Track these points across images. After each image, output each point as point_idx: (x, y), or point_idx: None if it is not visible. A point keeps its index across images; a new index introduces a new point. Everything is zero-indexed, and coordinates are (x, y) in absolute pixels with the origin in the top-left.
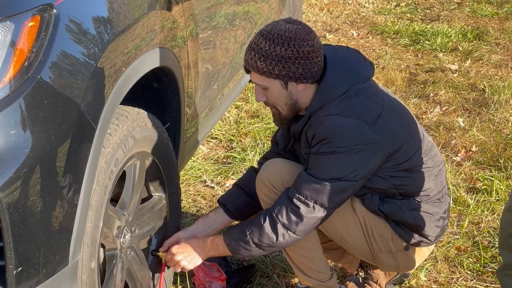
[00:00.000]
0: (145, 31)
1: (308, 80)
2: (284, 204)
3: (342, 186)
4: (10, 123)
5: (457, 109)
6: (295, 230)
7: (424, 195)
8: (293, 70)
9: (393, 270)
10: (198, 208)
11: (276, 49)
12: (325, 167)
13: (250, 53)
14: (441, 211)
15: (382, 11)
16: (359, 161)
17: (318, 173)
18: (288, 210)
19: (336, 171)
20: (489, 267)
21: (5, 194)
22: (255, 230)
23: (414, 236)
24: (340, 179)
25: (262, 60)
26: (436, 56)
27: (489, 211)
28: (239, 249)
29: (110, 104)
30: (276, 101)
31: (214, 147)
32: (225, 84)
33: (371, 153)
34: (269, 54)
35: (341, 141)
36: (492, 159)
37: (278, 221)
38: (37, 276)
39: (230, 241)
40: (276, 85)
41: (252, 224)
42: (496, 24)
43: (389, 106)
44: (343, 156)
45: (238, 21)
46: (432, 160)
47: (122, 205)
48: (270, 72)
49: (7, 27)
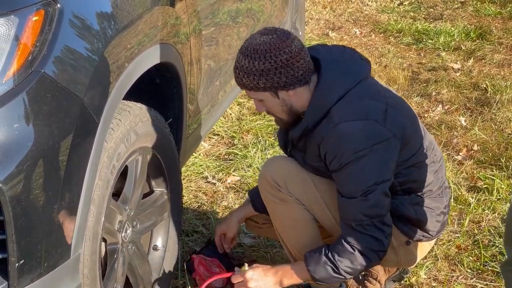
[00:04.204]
0: (148, 27)
1: (296, 85)
2: (352, 235)
3: (382, 188)
4: (14, 116)
5: (459, 108)
6: (379, 248)
7: (426, 190)
8: (277, 80)
9: (394, 265)
10: (200, 204)
11: (254, 64)
12: (356, 178)
13: (235, 71)
14: (442, 206)
15: (385, 10)
16: (383, 158)
17: (356, 189)
18: (360, 238)
19: (369, 177)
20: (489, 265)
21: (8, 187)
22: (344, 259)
23: (416, 231)
24: (375, 183)
25: (246, 77)
26: (438, 55)
27: (489, 210)
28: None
29: (113, 99)
30: (273, 110)
31: (216, 143)
32: (227, 80)
33: (390, 148)
34: (250, 70)
35: (358, 146)
36: (493, 158)
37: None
38: (39, 269)
39: (315, 268)
40: (267, 96)
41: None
42: (499, 23)
43: (393, 101)
44: (367, 159)
45: (241, 18)
46: (434, 156)
47: (124, 200)
48: (256, 86)
49: (11, 21)
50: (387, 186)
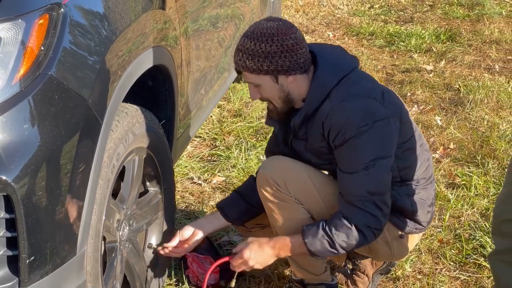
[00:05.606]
0: (145, 29)
1: (297, 72)
2: (351, 211)
3: (382, 164)
4: (23, 117)
5: (434, 108)
6: (376, 226)
7: (420, 178)
8: (281, 64)
9: (387, 259)
10: (187, 204)
11: (261, 46)
12: (358, 153)
13: (238, 54)
14: (431, 197)
15: (357, 13)
16: (385, 135)
17: (358, 163)
18: (358, 214)
19: (371, 152)
20: (471, 258)
21: (19, 185)
22: (341, 233)
23: (408, 224)
24: (376, 158)
25: (250, 59)
26: (411, 57)
27: (468, 205)
28: (322, 249)
29: (115, 100)
30: (269, 96)
31: (198, 145)
32: (213, 83)
33: (391, 126)
34: (255, 52)
35: (361, 121)
36: (469, 156)
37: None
38: (48, 265)
39: (311, 240)
40: (267, 81)
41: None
42: (468, 26)
43: (385, 87)
44: (369, 134)
45: (228, 20)
46: (424, 144)
47: (121, 199)
48: (259, 69)
49: (18, 25)
50: (388, 163)
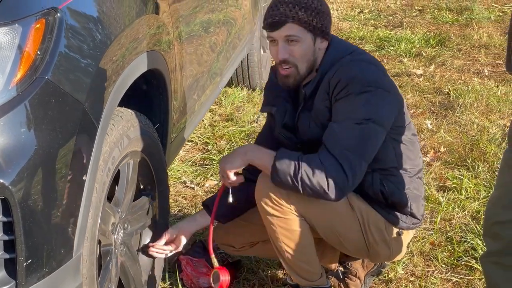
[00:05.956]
0: (139, 34)
1: (329, 38)
2: (327, 158)
3: (373, 128)
4: (21, 121)
5: (424, 112)
6: (341, 184)
7: (417, 170)
8: (325, 25)
9: (387, 259)
10: (180, 208)
11: (314, 2)
12: (355, 108)
13: (288, 5)
14: (423, 189)
15: (347, 18)
16: (385, 103)
17: (350, 116)
18: (331, 163)
19: (366, 111)
20: (463, 260)
21: (17, 188)
22: (307, 171)
23: (405, 220)
24: (370, 119)
25: (303, 11)
26: (401, 61)
27: (459, 208)
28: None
29: (110, 104)
30: (300, 57)
31: (190, 149)
32: (205, 88)
33: (393, 99)
34: (309, 6)
35: (368, 82)
36: (460, 159)
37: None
38: (45, 268)
39: (282, 158)
40: (308, 39)
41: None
42: (457, 30)
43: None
44: (371, 95)
45: (220, 25)
46: (416, 137)
47: (116, 203)
48: (309, 23)
49: (15, 30)
50: (378, 131)
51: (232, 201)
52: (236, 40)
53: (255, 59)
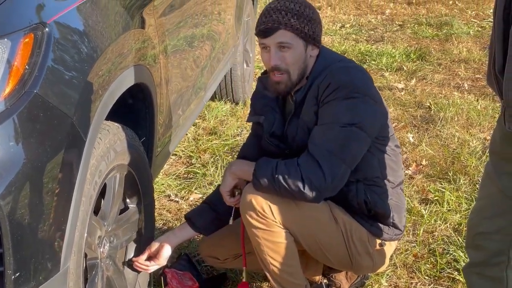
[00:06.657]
0: (126, 49)
1: (319, 46)
2: (305, 159)
3: (356, 133)
4: (9, 135)
5: (406, 125)
6: (318, 185)
7: (400, 181)
8: (317, 32)
9: (370, 271)
10: (165, 221)
11: (305, 10)
12: (340, 111)
13: (280, 13)
14: (405, 201)
15: (328, 32)
16: (370, 110)
17: (334, 119)
18: (309, 162)
19: (351, 116)
20: (445, 272)
21: (5, 202)
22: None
23: (387, 231)
24: (355, 124)
25: (296, 18)
26: (382, 75)
27: (441, 220)
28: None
29: (98, 117)
30: (292, 63)
31: (174, 163)
32: (190, 102)
33: (378, 108)
34: (301, 14)
35: (358, 88)
36: (441, 172)
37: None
38: (32, 281)
39: (261, 166)
40: (300, 46)
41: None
42: (436, 45)
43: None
44: (359, 102)
45: (204, 39)
46: (399, 149)
47: (102, 216)
48: (301, 30)
49: (4, 44)
50: (362, 137)
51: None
52: (220, 55)
53: (238, 73)
